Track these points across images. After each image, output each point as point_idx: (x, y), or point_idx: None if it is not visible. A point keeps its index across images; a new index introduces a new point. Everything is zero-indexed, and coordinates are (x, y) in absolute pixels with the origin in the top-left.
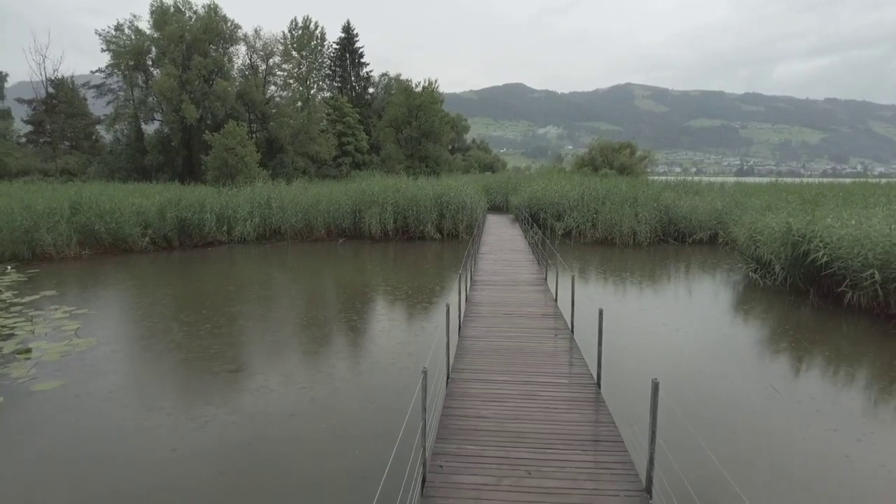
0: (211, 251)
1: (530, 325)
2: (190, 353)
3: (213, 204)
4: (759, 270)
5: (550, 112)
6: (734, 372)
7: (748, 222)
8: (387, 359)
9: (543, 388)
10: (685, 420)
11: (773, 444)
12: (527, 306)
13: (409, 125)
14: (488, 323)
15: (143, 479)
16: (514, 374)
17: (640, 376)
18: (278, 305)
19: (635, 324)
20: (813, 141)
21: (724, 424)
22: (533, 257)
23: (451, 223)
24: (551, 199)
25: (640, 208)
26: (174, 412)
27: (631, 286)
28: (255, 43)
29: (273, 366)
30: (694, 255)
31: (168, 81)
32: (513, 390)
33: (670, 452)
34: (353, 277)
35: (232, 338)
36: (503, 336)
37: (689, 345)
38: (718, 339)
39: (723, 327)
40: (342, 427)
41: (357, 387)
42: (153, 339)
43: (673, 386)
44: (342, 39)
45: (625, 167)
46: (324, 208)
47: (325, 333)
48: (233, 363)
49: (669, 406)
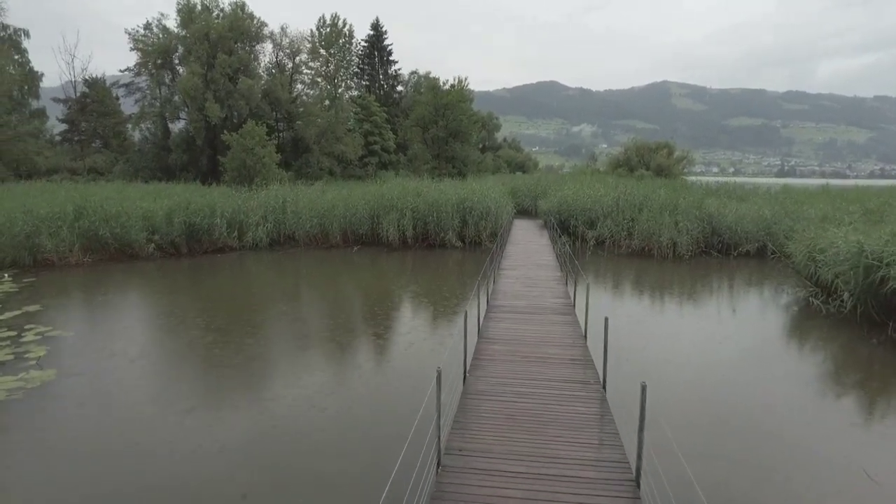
0: (220, 258)
1: (552, 375)
2: (168, 405)
3: (225, 208)
4: (821, 294)
5: (584, 110)
6: (792, 413)
7: (808, 238)
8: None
9: (560, 481)
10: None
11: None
12: (550, 345)
13: (435, 125)
14: (499, 371)
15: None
16: (524, 456)
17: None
18: (284, 335)
19: (678, 354)
20: (860, 140)
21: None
22: (561, 274)
23: (475, 230)
24: (583, 205)
25: (680, 216)
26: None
27: (670, 306)
28: (281, 41)
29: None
30: (740, 270)
31: (192, 80)
32: (519, 488)
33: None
34: (360, 292)
35: (249, 374)
36: (516, 394)
37: (737, 376)
38: (771, 373)
39: (777, 358)
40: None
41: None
42: (128, 375)
43: (722, 427)
44: (371, 37)
45: (662, 168)
46: (340, 213)
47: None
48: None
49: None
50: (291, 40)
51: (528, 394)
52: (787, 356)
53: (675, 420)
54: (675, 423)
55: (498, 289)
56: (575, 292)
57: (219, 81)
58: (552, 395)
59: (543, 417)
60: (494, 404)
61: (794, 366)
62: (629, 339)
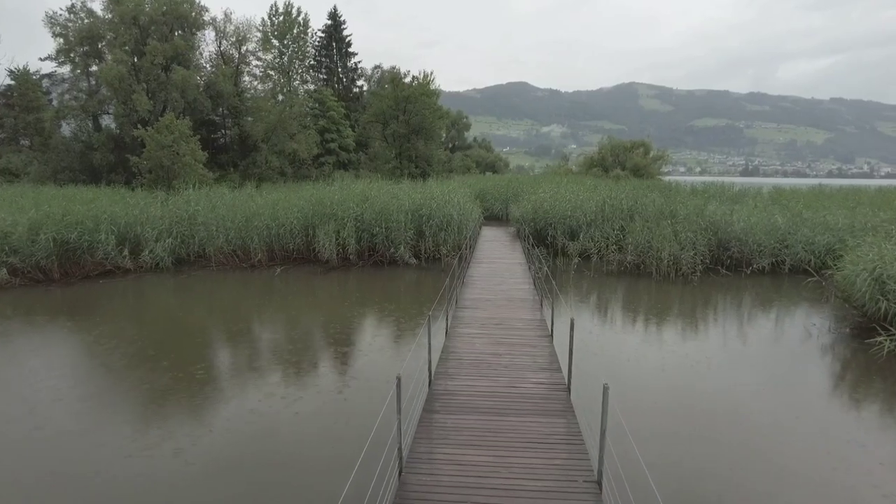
0: (105, 286)
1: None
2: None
3: (117, 219)
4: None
5: (554, 111)
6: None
7: (868, 259)
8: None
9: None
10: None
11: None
12: (530, 456)
13: (396, 120)
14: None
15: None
16: None
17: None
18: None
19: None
20: (818, 141)
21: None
22: (538, 311)
23: (433, 244)
24: (562, 212)
25: (679, 226)
26: None
27: (695, 355)
28: (225, 28)
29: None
30: (763, 293)
31: (117, 68)
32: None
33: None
34: (253, 343)
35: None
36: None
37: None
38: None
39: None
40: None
41: None
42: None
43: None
44: (328, 27)
45: (638, 168)
46: (264, 224)
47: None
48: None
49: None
50: (237, 27)
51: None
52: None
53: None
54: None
55: (452, 343)
56: (552, 325)
57: (149, 71)
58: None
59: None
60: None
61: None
62: (647, 419)
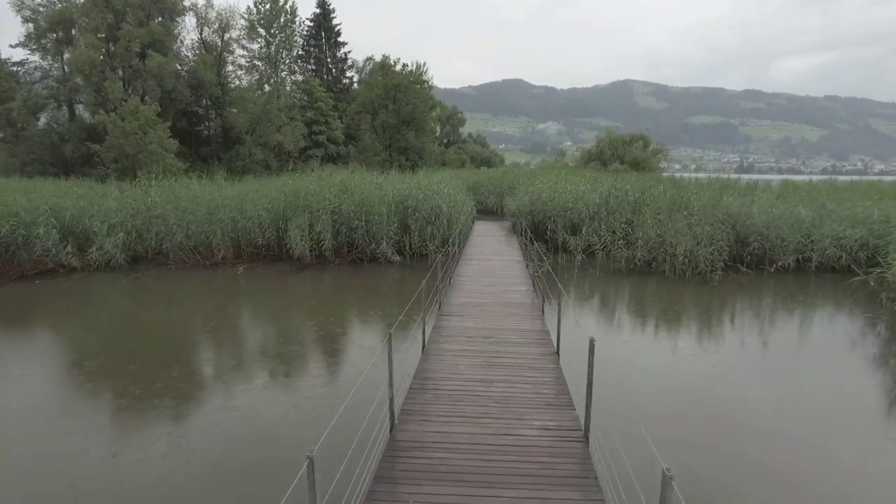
0: (41, 286)
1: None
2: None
3: (66, 210)
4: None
5: (549, 108)
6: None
7: None
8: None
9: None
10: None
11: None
12: None
13: (385, 109)
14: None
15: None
16: None
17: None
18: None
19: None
20: (813, 138)
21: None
22: (541, 321)
23: (419, 238)
24: (562, 204)
25: (694, 218)
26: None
27: (736, 381)
28: (206, 14)
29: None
30: (787, 291)
31: (89, 54)
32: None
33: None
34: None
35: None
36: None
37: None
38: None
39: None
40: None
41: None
42: None
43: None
44: (317, 16)
45: (638, 162)
46: (228, 216)
47: None
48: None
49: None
50: (219, 13)
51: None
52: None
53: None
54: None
55: (428, 365)
56: (558, 338)
57: (124, 58)
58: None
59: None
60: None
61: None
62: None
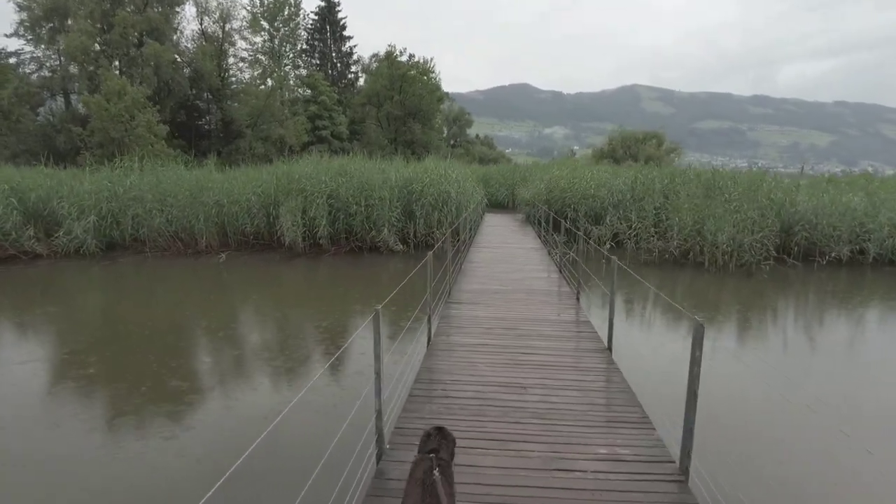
0: (1, 274)
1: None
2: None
3: (30, 191)
4: None
5: (557, 113)
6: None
7: None
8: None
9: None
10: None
11: None
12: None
13: (390, 100)
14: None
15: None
16: None
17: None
18: None
19: None
20: (822, 144)
21: None
22: (573, 309)
23: (425, 226)
24: (582, 191)
25: (734, 204)
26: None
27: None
28: (206, 3)
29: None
30: (863, 289)
31: (82, 39)
32: None
33: None
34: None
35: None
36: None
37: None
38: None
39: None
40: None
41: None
42: None
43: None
44: (321, 9)
45: (651, 160)
46: (212, 201)
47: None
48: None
49: None
50: (220, 3)
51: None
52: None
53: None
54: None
55: (434, 369)
56: (610, 335)
57: (120, 45)
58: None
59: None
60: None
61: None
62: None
